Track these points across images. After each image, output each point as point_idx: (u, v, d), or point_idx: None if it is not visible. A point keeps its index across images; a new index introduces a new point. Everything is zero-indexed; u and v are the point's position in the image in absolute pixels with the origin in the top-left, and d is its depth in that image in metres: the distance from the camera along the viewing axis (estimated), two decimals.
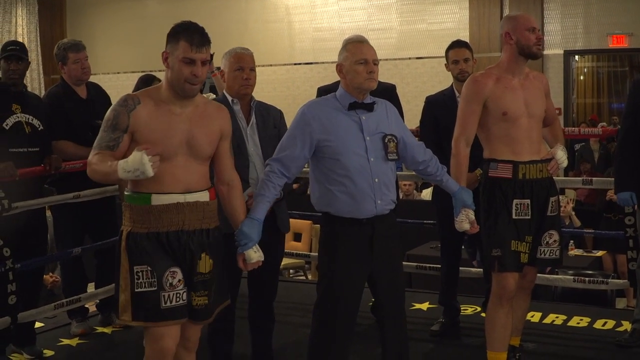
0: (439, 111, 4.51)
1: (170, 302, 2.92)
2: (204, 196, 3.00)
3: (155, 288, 2.91)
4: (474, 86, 3.68)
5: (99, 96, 4.84)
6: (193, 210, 2.96)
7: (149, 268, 2.91)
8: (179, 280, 2.95)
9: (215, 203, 3.08)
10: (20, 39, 14.26)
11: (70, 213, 4.66)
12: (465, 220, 3.49)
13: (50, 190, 4.64)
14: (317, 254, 3.62)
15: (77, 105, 4.66)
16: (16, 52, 4.32)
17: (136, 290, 2.92)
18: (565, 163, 3.73)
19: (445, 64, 4.62)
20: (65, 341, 4.66)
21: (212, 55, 4.27)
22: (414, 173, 6.71)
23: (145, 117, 2.92)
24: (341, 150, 3.27)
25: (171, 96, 2.96)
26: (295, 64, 13.42)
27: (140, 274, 2.92)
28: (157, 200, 2.92)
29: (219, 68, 4.27)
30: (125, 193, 3.02)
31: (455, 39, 4.72)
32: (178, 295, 2.94)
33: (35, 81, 14.67)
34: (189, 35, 2.93)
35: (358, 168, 3.27)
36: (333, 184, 3.29)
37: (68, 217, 4.70)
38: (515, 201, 3.60)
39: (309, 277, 7.55)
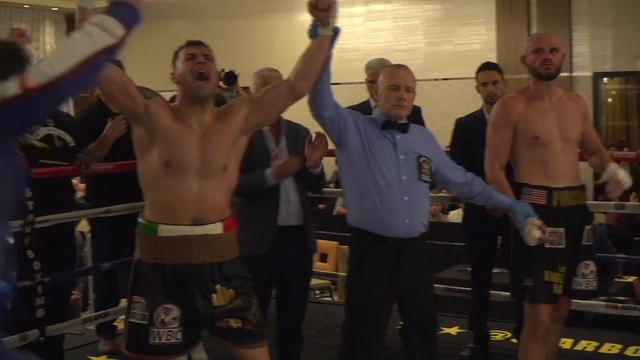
0: (469, 133, 4.49)
1: (160, 339, 2.82)
2: (215, 229, 2.86)
3: (146, 322, 2.82)
4: (503, 110, 3.62)
5: None
6: (202, 243, 2.83)
7: (143, 300, 2.82)
8: (174, 318, 2.81)
9: (232, 234, 2.94)
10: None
11: (106, 227, 4.69)
12: (534, 228, 3.35)
13: (85, 206, 4.68)
14: (343, 274, 3.63)
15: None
16: None
17: (129, 319, 2.87)
18: (629, 182, 3.48)
19: (476, 86, 4.61)
20: (93, 359, 4.67)
21: (237, 76, 4.29)
22: (441, 194, 6.77)
23: (160, 111, 2.85)
24: (374, 162, 3.27)
25: (187, 108, 2.91)
26: None
27: (136, 304, 2.84)
28: (164, 231, 2.82)
29: (246, 88, 4.29)
30: (138, 220, 2.93)
31: (482, 60, 4.72)
32: (170, 333, 2.82)
33: None
34: (186, 44, 3.00)
35: (389, 183, 3.26)
36: (363, 196, 3.29)
37: (105, 230, 4.74)
38: (548, 229, 3.49)
39: (335, 298, 7.51)
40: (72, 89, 1.87)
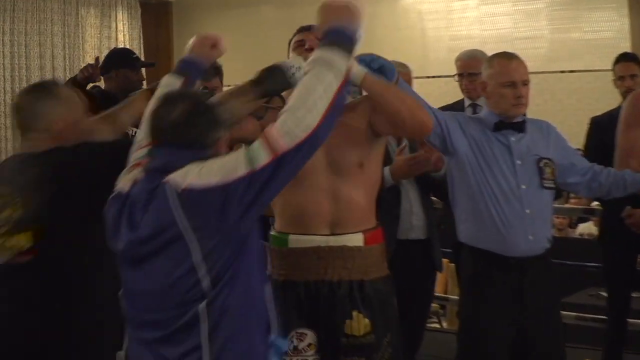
0: (607, 134, 4.25)
1: None
2: (354, 239, 2.76)
3: None
4: (636, 105, 3.51)
5: None
6: (338, 256, 2.73)
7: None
8: (309, 345, 2.72)
9: (377, 249, 2.82)
10: (121, 46, 14.70)
11: None
12: None
13: None
14: (455, 297, 3.57)
15: None
16: (139, 59, 4.57)
17: None
18: None
19: (613, 79, 4.50)
20: None
21: None
22: (567, 205, 6.57)
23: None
24: (487, 170, 3.15)
25: None
26: (428, 77, 13.30)
27: None
28: (295, 242, 2.78)
29: None
30: (270, 233, 2.90)
31: (614, 50, 4.72)
32: None
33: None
34: (297, 30, 3.03)
35: (506, 195, 3.14)
36: (477, 209, 3.18)
37: None
38: None
39: (445, 324, 7.37)
40: (319, 141, 2.14)
